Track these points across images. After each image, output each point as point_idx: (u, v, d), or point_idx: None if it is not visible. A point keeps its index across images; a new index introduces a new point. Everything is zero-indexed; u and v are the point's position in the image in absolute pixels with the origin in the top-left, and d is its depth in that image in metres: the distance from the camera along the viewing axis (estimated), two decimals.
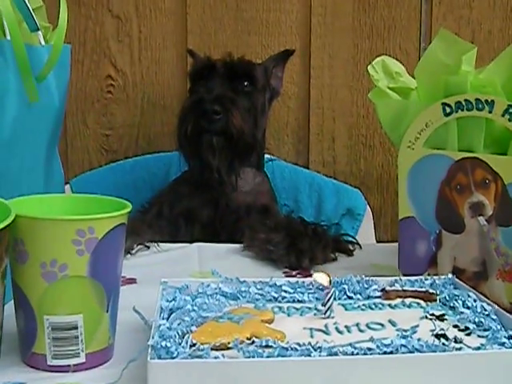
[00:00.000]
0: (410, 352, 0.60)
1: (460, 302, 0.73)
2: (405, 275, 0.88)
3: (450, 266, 0.87)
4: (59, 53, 0.88)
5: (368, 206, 1.39)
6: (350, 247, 1.08)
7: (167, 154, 1.42)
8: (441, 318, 0.70)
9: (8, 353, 0.68)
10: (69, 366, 0.66)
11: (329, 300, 0.70)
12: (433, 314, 0.71)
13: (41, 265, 0.63)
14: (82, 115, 1.44)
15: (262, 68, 1.27)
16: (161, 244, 1.08)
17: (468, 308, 0.71)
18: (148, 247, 1.07)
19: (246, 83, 1.21)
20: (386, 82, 0.95)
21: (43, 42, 0.91)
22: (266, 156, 1.40)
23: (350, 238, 1.11)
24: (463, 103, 0.82)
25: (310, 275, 0.96)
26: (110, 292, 0.67)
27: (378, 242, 1.41)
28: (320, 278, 0.71)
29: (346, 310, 0.73)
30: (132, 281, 0.92)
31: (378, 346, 0.60)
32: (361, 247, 1.09)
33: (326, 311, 0.70)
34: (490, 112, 0.81)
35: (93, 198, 0.75)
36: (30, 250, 0.63)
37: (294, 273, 0.98)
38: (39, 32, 0.89)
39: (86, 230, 0.63)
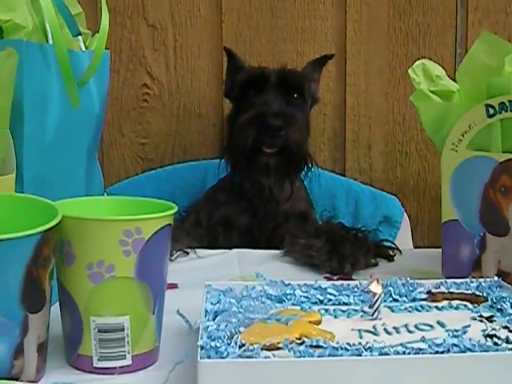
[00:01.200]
0: (462, 352, 0.59)
1: (508, 304, 0.71)
2: (448, 278, 0.88)
3: (494, 269, 0.85)
4: (100, 58, 0.89)
5: (405, 214, 1.38)
6: (391, 252, 1.06)
7: (203, 163, 1.42)
8: (490, 319, 0.69)
9: (54, 354, 0.68)
10: (115, 368, 0.66)
11: (376, 301, 0.69)
12: (481, 316, 0.70)
13: (87, 266, 0.63)
14: (118, 124, 1.45)
15: (305, 75, 1.27)
16: (199, 250, 1.08)
17: None
18: (187, 253, 1.06)
19: (295, 95, 1.21)
20: (426, 86, 0.94)
21: (84, 48, 0.92)
22: None
23: (390, 244, 1.10)
24: (507, 104, 0.81)
25: (352, 280, 0.97)
26: (157, 294, 0.67)
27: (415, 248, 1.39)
28: (374, 287, 0.70)
29: (392, 311, 0.72)
30: (173, 286, 0.92)
31: (429, 346, 0.59)
32: (401, 252, 1.08)
33: (373, 312, 0.69)
34: None
35: (138, 200, 0.75)
36: (77, 251, 0.64)
37: (335, 278, 0.97)
38: (80, 37, 0.90)
39: (134, 230, 0.63)
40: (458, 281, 0.79)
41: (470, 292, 0.76)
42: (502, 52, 0.85)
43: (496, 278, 0.78)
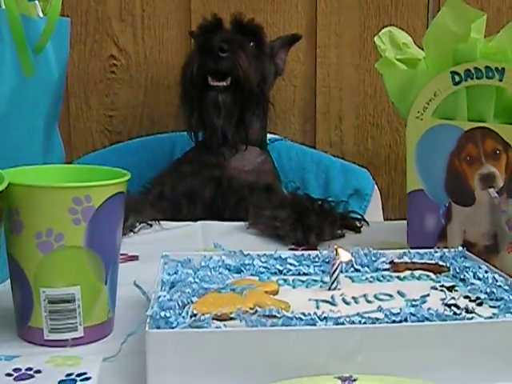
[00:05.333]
0: (420, 321, 0.57)
1: (471, 274, 0.70)
2: (413, 248, 0.87)
3: (460, 239, 0.84)
4: (55, 23, 0.85)
5: (376, 186, 1.36)
6: (358, 224, 1.05)
7: (171, 135, 1.40)
8: (451, 288, 0.68)
9: (5, 328, 0.66)
10: (66, 340, 0.64)
11: (335, 271, 0.67)
12: (443, 286, 0.69)
13: (36, 235, 0.61)
14: (85, 96, 1.42)
15: (269, 45, 1.24)
16: (163, 222, 1.06)
17: (479, 279, 0.69)
18: (150, 225, 1.04)
19: (251, 44, 1.18)
20: (393, 53, 0.92)
21: (41, 14, 0.89)
22: (273, 136, 1.37)
23: (358, 216, 1.08)
24: (473, 71, 0.80)
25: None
26: (109, 263, 0.65)
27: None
28: (344, 255, 0.68)
29: (353, 281, 0.71)
30: (134, 258, 0.90)
31: (386, 316, 0.58)
32: (368, 224, 1.07)
33: (332, 283, 0.67)
34: (501, 80, 0.79)
35: (92, 168, 0.73)
36: (26, 219, 0.61)
37: (300, 249, 0.96)
38: (37, 2, 0.87)
39: (83, 198, 0.61)
40: (422, 251, 0.77)
41: (433, 262, 0.75)
42: (469, 18, 0.83)
43: (461, 248, 0.77)
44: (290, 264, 0.74)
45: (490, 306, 0.62)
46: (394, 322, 0.57)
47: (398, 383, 0.54)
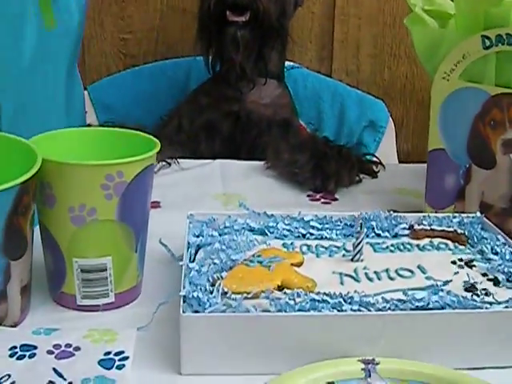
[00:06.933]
0: (442, 308, 0.60)
1: (489, 247, 0.72)
2: (431, 207, 0.89)
3: (477, 200, 0.85)
4: None
5: (390, 118, 1.36)
6: (374, 168, 1.06)
7: (187, 60, 1.38)
8: (469, 264, 0.70)
9: (38, 292, 0.68)
10: (98, 305, 0.66)
11: (359, 244, 0.69)
12: (461, 260, 0.71)
13: (69, 209, 0.62)
14: (99, 18, 1.39)
15: None
16: (182, 161, 1.07)
17: (496, 254, 0.71)
18: (169, 164, 1.05)
19: None
20: (421, 4, 0.90)
21: None
22: (289, 63, 1.36)
23: (374, 159, 1.09)
24: (504, 37, 0.78)
25: (335, 198, 0.97)
26: (139, 233, 0.67)
27: (398, 154, 1.39)
28: None
29: (374, 251, 0.72)
30: (156, 204, 0.92)
31: (409, 301, 0.60)
32: (384, 168, 1.08)
33: (355, 255, 0.69)
34: None
35: (119, 132, 0.73)
36: (58, 194, 0.62)
37: (318, 196, 0.98)
38: None
39: (115, 174, 0.62)
40: (440, 215, 0.79)
41: (451, 229, 0.76)
42: None
43: (479, 213, 0.79)
44: (313, 227, 0.76)
45: (508, 288, 0.64)
46: (417, 307, 0.60)
47: (417, 367, 0.57)
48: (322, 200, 0.96)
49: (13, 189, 0.56)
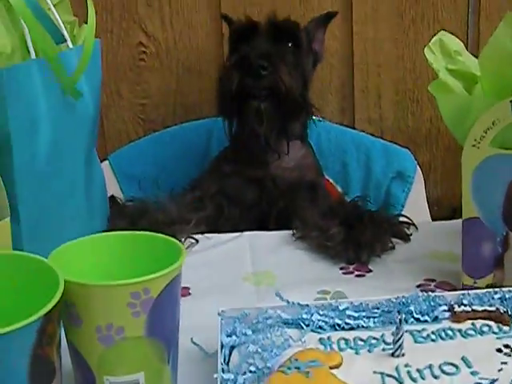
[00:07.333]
0: None
1: None
2: (470, 276, 0.86)
3: None
4: (90, 54, 0.82)
5: (418, 167, 1.33)
6: (407, 231, 1.03)
7: (207, 121, 1.36)
8: None
9: None
10: None
11: (399, 339, 0.66)
12: (507, 346, 0.67)
13: (96, 329, 0.60)
14: (115, 85, 1.38)
15: (305, 31, 1.19)
16: (211, 235, 1.04)
17: None
18: (197, 241, 1.03)
19: (290, 44, 1.13)
20: (443, 63, 0.88)
21: (71, 45, 0.85)
22: None
23: (405, 219, 1.06)
24: None
25: (369, 270, 0.94)
26: (170, 345, 0.65)
27: (428, 200, 1.35)
28: None
29: (415, 341, 0.69)
30: (185, 291, 0.89)
31: None
32: (417, 228, 1.05)
33: (395, 350, 0.66)
34: None
35: (140, 235, 0.71)
36: (83, 314, 0.60)
37: (351, 268, 0.95)
38: (65, 32, 0.83)
39: (141, 291, 0.60)
40: (480, 292, 0.76)
41: (493, 309, 0.73)
42: None
43: None
44: (349, 316, 0.73)
45: None
46: None
47: None
48: (356, 273, 0.93)
49: (35, 322, 0.54)
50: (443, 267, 0.93)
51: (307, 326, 0.72)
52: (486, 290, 0.76)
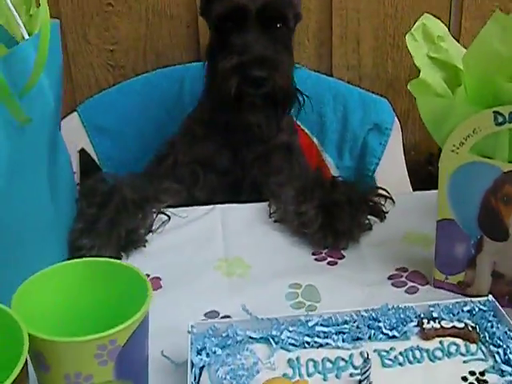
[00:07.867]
0: None
1: (501, 351, 0.70)
2: (442, 273, 0.86)
3: (489, 269, 0.82)
4: (47, 50, 0.76)
5: (396, 118, 1.30)
6: (384, 208, 1.01)
7: (179, 68, 1.31)
8: (482, 375, 0.67)
9: None
10: None
11: (366, 371, 0.66)
12: (473, 373, 0.68)
13: (65, 376, 0.60)
14: (82, 30, 1.31)
15: (289, 4, 1.12)
16: (181, 209, 1.03)
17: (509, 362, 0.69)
18: (169, 217, 1.01)
19: (278, 25, 1.08)
20: (425, 50, 0.85)
21: (26, 35, 0.79)
22: None
23: (384, 192, 1.04)
24: None
25: (341, 256, 0.93)
26: (140, 378, 0.65)
27: (404, 146, 1.33)
28: None
29: (383, 365, 0.70)
30: (157, 282, 0.88)
31: None
32: (394, 202, 1.03)
33: (362, 380, 0.67)
34: None
35: (106, 262, 0.69)
36: (51, 363, 0.60)
37: (323, 254, 0.94)
38: (19, 22, 0.77)
39: (108, 343, 0.59)
40: (450, 303, 0.76)
41: (461, 326, 0.74)
42: None
43: (491, 297, 0.76)
44: (318, 333, 0.73)
45: None
46: None
47: None
48: (328, 259, 0.92)
49: None
50: (416, 254, 0.93)
51: (276, 343, 0.73)
52: (455, 301, 0.77)
